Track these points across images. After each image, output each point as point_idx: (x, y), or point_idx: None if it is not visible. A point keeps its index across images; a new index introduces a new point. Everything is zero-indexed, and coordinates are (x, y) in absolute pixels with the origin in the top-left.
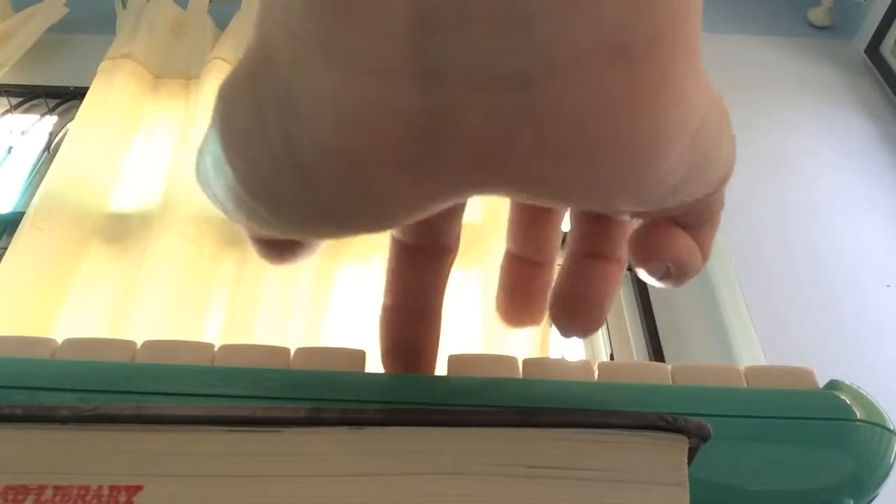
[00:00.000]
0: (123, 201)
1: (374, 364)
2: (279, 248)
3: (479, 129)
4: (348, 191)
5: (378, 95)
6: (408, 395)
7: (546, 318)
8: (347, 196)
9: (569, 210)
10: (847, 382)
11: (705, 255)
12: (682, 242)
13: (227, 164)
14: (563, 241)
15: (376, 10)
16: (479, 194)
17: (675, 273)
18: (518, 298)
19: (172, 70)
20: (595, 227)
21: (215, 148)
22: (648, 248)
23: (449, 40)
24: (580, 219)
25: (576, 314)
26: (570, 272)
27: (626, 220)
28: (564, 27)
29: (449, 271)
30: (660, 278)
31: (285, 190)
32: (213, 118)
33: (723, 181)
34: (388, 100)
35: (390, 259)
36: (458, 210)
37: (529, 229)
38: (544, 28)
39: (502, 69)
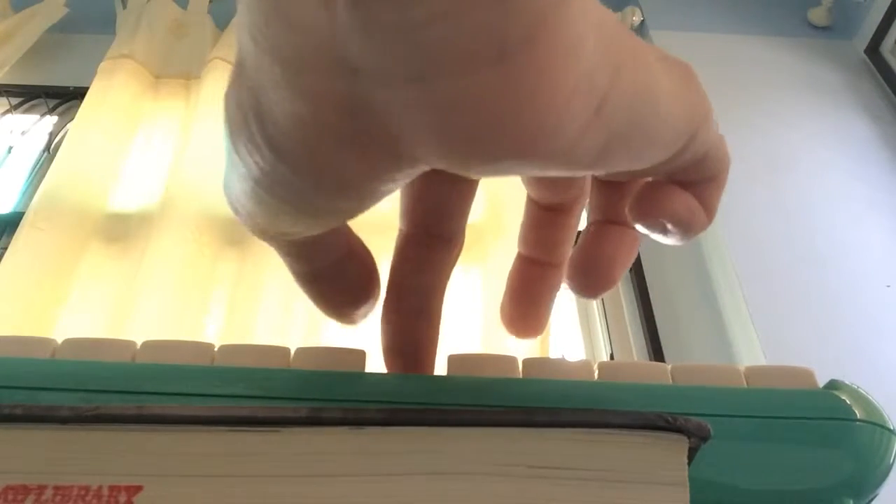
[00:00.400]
0: (123, 201)
1: (375, 364)
2: (339, 302)
3: (392, 117)
4: (312, 169)
5: (315, 89)
6: (408, 395)
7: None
8: (314, 174)
9: (589, 178)
10: (847, 382)
11: (710, 212)
12: (680, 200)
13: (236, 155)
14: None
15: (305, 15)
16: (429, 167)
17: (674, 230)
18: (524, 303)
19: (172, 70)
20: (611, 195)
21: (227, 144)
22: (644, 206)
23: (360, 42)
24: (597, 187)
25: (589, 271)
26: (586, 235)
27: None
28: (446, 32)
29: (451, 268)
30: (662, 234)
31: (276, 175)
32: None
33: (684, 138)
34: (322, 92)
35: (394, 255)
36: (462, 201)
37: (542, 229)
38: (429, 33)
39: (402, 68)
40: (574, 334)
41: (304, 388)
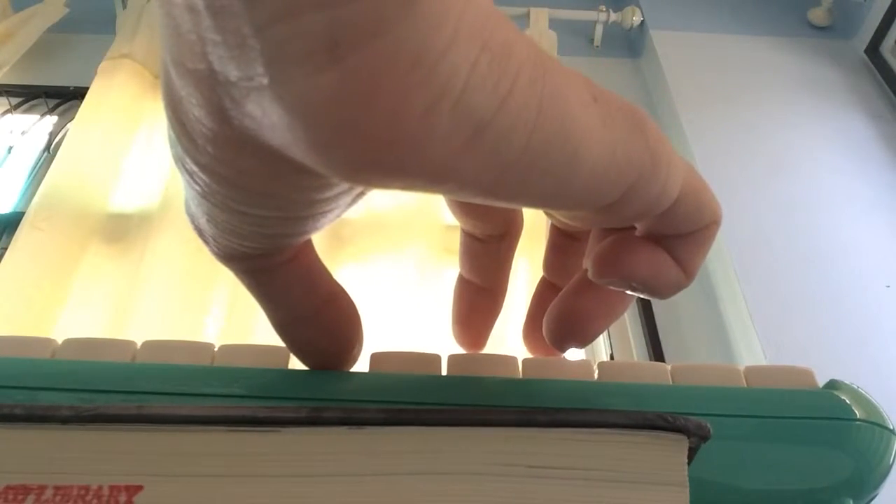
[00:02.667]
0: (123, 201)
1: (374, 364)
2: (323, 350)
3: (259, 123)
4: (227, 178)
5: (203, 96)
6: (408, 395)
7: None
8: (230, 182)
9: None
10: (847, 382)
11: (688, 271)
12: (643, 259)
13: (182, 173)
14: None
15: (183, 20)
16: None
17: (640, 289)
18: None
19: None
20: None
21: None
22: (600, 264)
23: (219, 47)
24: (594, 236)
25: (562, 326)
26: (570, 285)
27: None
28: (283, 34)
29: (507, 253)
30: (631, 291)
31: (207, 189)
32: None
33: (617, 188)
34: (208, 99)
35: (460, 242)
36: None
37: (564, 255)
38: (269, 35)
39: (251, 72)
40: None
41: (304, 388)
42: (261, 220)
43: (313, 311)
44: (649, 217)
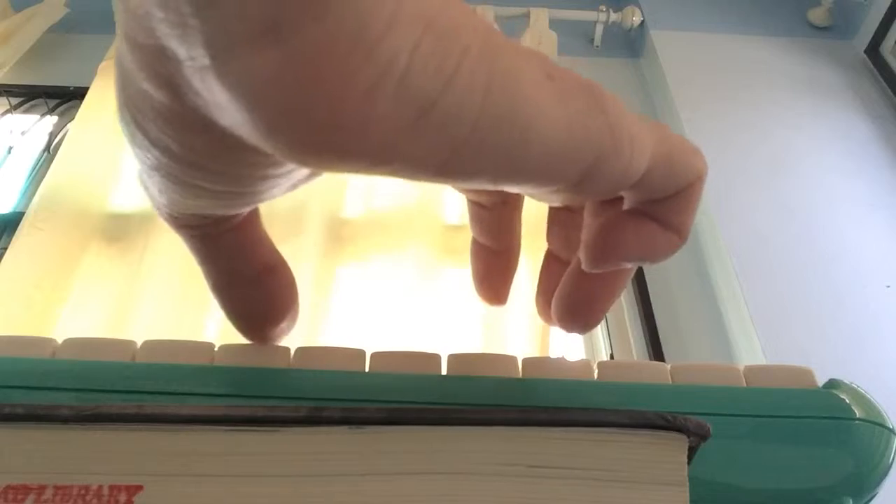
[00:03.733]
0: (123, 201)
1: (374, 364)
2: (256, 316)
3: (204, 100)
4: (174, 151)
5: (151, 69)
6: (408, 395)
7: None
8: (178, 156)
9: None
10: (847, 382)
11: (680, 231)
12: (632, 238)
13: (132, 147)
14: None
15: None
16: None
17: (637, 263)
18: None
19: None
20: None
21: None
22: (592, 253)
23: (165, 24)
24: (586, 214)
25: (571, 311)
26: (570, 270)
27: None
28: (217, 18)
29: (512, 215)
30: (630, 264)
31: (156, 161)
32: None
33: (577, 165)
34: (157, 72)
35: (467, 209)
36: (508, 216)
37: (563, 228)
38: (213, 13)
39: (196, 50)
40: (574, 334)
41: (303, 388)
42: (210, 192)
43: (251, 277)
44: (622, 190)
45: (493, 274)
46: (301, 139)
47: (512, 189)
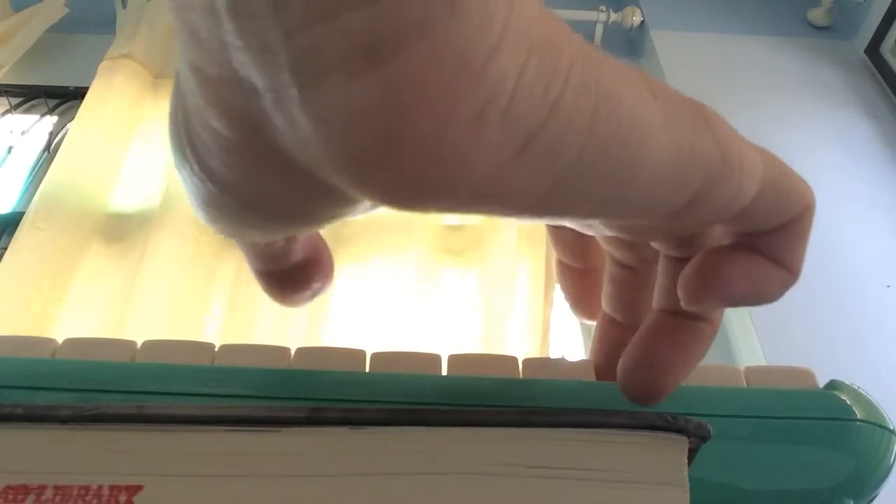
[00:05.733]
0: (123, 201)
1: (374, 364)
2: (282, 282)
3: (287, 135)
4: (238, 191)
5: (226, 103)
6: (408, 395)
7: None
8: (241, 196)
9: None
10: (847, 382)
11: (791, 266)
12: (737, 273)
13: (182, 176)
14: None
15: (201, 26)
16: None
17: (743, 302)
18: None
19: (172, 70)
20: (674, 272)
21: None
22: (692, 290)
23: (244, 53)
24: (661, 263)
25: (637, 377)
26: (642, 329)
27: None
28: (316, 38)
29: (594, 283)
30: (733, 305)
31: (212, 197)
32: None
33: (684, 192)
34: (231, 106)
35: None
36: (591, 236)
37: (626, 289)
38: (300, 40)
39: (280, 80)
40: (574, 334)
41: (304, 388)
42: (266, 230)
43: (293, 266)
44: (725, 219)
45: (584, 293)
46: (396, 174)
47: (609, 222)
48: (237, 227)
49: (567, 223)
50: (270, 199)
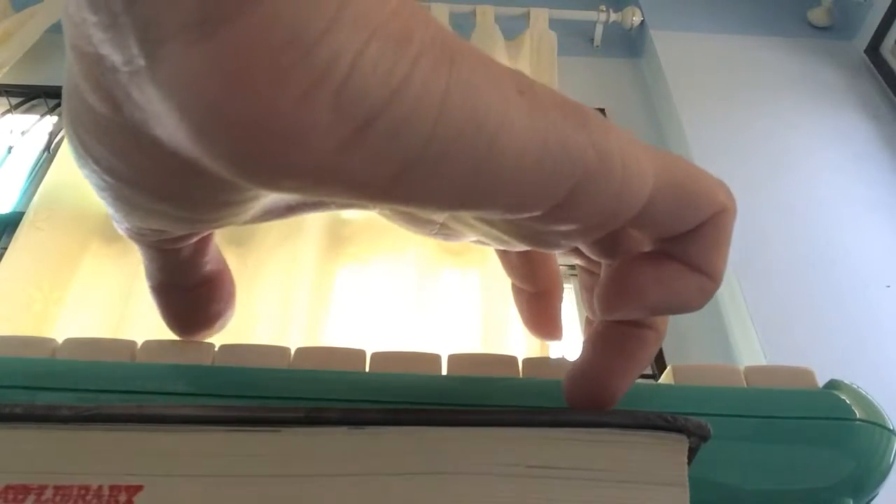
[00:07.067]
0: None
1: (374, 364)
2: (184, 299)
3: (140, 109)
4: (120, 172)
5: (92, 78)
6: (408, 395)
7: None
8: (125, 178)
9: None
10: (847, 382)
11: (709, 272)
12: (651, 284)
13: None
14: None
15: (69, 3)
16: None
17: (663, 310)
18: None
19: None
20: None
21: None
22: (606, 301)
23: (96, 26)
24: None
25: (584, 383)
26: (587, 337)
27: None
28: (148, 11)
29: (544, 256)
30: (654, 314)
31: (101, 181)
32: None
33: (554, 189)
34: (96, 82)
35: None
36: (538, 257)
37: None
38: (133, 14)
39: (123, 52)
40: (574, 334)
41: (304, 388)
42: (166, 217)
43: (196, 283)
44: (622, 221)
45: (538, 314)
46: (231, 146)
47: (485, 214)
48: (136, 216)
49: (441, 209)
50: (152, 180)
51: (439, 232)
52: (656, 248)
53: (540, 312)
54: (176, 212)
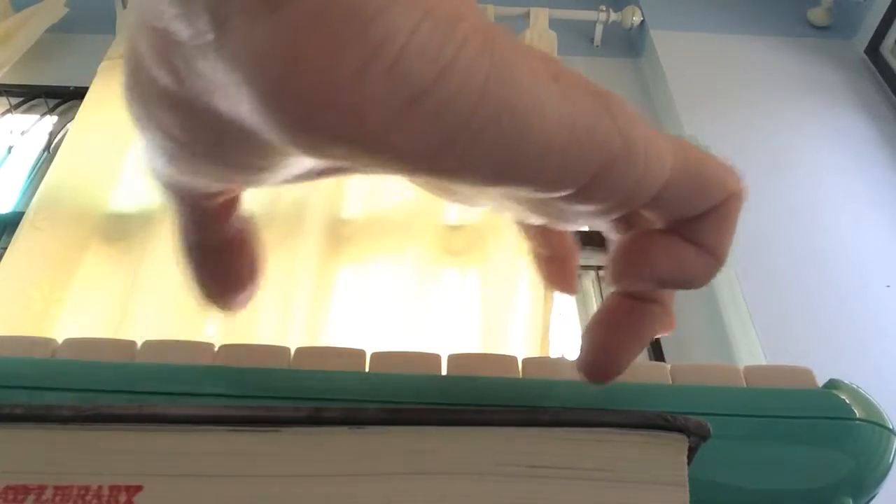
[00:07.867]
0: (123, 201)
1: (375, 364)
2: (216, 259)
3: (204, 80)
4: (189, 137)
5: (161, 53)
6: (408, 395)
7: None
8: (191, 142)
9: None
10: (847, 382)
11: (716, 252)
12: (662, 256)
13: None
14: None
15: None
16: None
17: (670, 283)
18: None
19: None
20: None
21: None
22: (617, 269)
23: (164, 7)
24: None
25: (592, 358)
26: (598, 310)
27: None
28: None
29: (560, 268)
30: (661, 286)
31: (166, 145)
32: None
33: (583, 169)
34: (164, 55)
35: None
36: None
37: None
38: None
39: (195, 27)
40: (574, 334)
41: (303, 388)
42: (212, 176)
43: (226, 241)
44: (640, 204)
45: (557, 275)
46: (293, 117)
47: (516, 191)
48: (185, 173)
49: (475, 184)
50: (207, 146)
51: (460, 199)
52: (668, 228)
53: (557, 272)
54: (222, 172)
